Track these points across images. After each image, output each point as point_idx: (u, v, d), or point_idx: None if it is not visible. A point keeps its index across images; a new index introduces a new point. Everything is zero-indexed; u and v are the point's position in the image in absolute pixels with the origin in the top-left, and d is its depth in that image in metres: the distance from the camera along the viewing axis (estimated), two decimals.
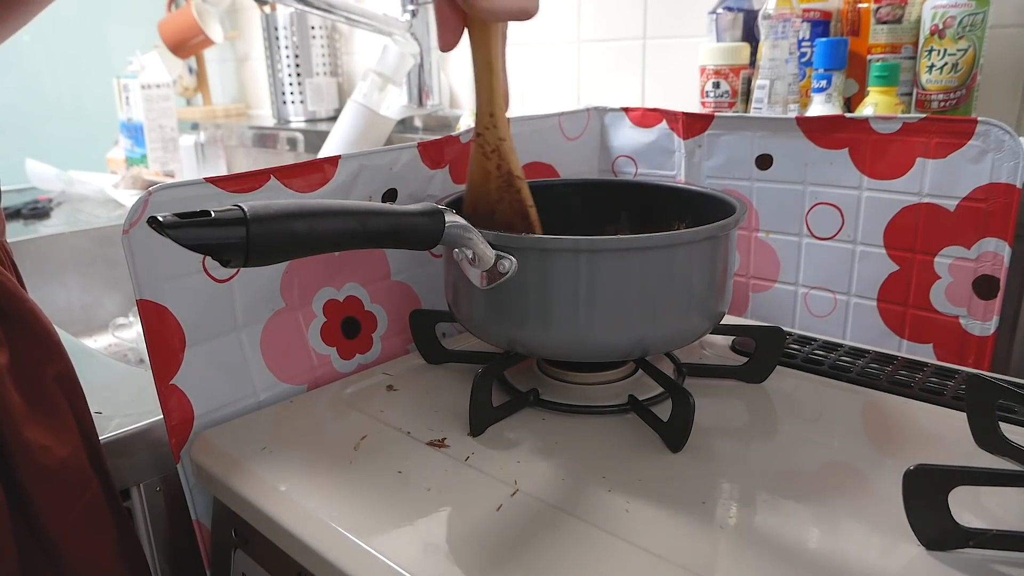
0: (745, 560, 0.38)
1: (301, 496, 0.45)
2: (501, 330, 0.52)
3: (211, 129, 1.66)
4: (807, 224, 0.71)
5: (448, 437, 0.50)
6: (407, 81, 1.25)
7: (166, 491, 0.58)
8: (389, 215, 0.44)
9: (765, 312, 0.76)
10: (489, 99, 0.52)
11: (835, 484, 0.45)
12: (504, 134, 0.53)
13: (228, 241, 0.36)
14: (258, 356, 0.56)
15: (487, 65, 0.50)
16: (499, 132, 0.52)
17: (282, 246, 0.38)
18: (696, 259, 0.50)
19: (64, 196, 1.45)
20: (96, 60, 1.68)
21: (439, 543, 0.40)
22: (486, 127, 0.52)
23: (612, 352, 0.52)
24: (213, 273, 0.53)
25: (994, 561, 0.37)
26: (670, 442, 0.48)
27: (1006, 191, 0.59)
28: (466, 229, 0.46)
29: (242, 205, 0.37)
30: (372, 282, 0.63)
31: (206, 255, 0.37)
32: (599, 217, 0.67)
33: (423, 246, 0.46)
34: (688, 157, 0.77)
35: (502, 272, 0.48)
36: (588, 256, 0.48)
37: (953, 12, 0.68)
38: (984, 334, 0.63)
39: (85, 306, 1.20)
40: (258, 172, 0.53)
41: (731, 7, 0.85)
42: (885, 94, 0.70)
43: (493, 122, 0.52)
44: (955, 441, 0.48)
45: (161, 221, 0.34)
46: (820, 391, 0.56)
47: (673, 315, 0.50)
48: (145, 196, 0.48)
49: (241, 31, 1.77)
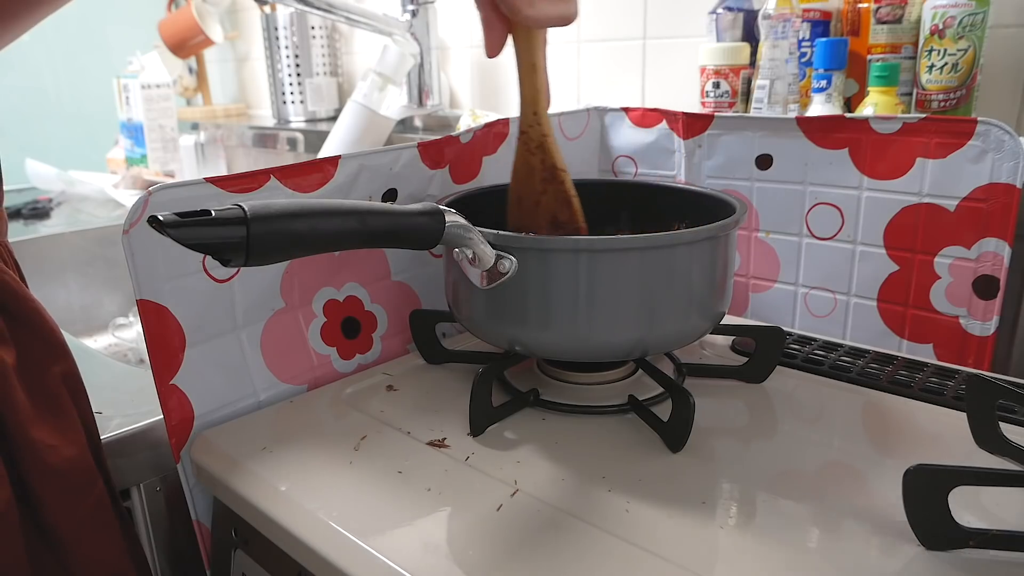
0: (745, 560, 0.38)
1: (301, 496, 0.45)
2: (501, 330, 0.52)
3: (211, 129, 1.66)
4: (807, 224, 0.71)
5: (448, 437, 0.50)
6: (407, 81, 1.25)
7: (166, 491, 0.58)
8: (389, 215, 0.44)
9: (765, 312, 0.76)
10: (533, 98, 0.53)
11: (835, 484, 0.45)
12: (548, 131, 0.54)
13: (228, 240, 0.36)
14: (258, 356, 0.56)
15: (531, 66, 0.52)
16: (543, 129, 0.54)
17: (282, 245, 0.38)
18: (696, 259, 0.50)
19: (64, 196, 1.45)
20: (96, 60, 1.68)
21: (439, 543, 0.40)
22: (530, 125, 0.54)
23: (612, 352, 0.52)
24: (213, 273, 0.53)
25: (994, 561, 0.37)
26: (670, 442, 0.48)
27: (1006, 191, 0.59)
28: (466, 229, 0.46)
29: (242, 204, 0.37)
30: (372, 282, 0.63)
31: (207, 254, 0.37)
32: (599, 217, 0.67)
33: (423, 246, 0.46)
34: (688, 157, 0.77)
35: (502, 272, 0.48)
36: (588, 256, 0.48)
37: (953, 12, 0.68)
38: (984, 334, 0.63)
39: (85, 306, 1.20)
40: (258, 172, 0.53)
41: (731, 7, 0.85)
42: (885, 94, 0.70)
43: (537, 120, 0.54)
44: (955, 441, 0.49)
45: (161, 220, 0.34)
46: (820, 391, 0.56)
47: (673, 315, 0.50)
48: (145, 196, 0.48)
49: (241, 31, 1.77)
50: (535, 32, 0.52)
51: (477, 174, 0.70)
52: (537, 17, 0.48)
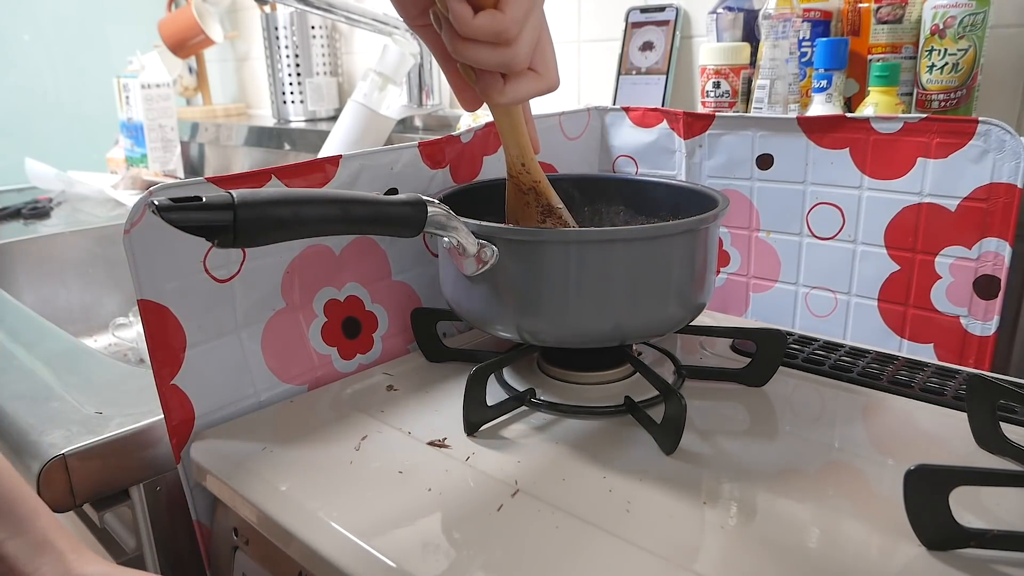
0: (745, 560, 0.38)
1: (301, 496, 0.45)
2: (490, 317, 0.54)
3: (211, 129, 1.66)
4: (808, 224, 0.71)
5: (448, 437, 0.50)
6: (407, 81, 1.25)
7: (166, 491, 0.58)
8: (372, 204, 0.45)
9: (765, 312, 0.76)
10: (519, 153, 0.52)
11: (835, 484, 0.44)
12: (538, 176, 0.54)
13: (217, 223, 0.39)
14: (259, 356, 0.56)
15: (512, 128, 0.51)
16: (533, 176, 0.53)
17: (268, 229, 0.41)
18: (676, 251, 0.51)
19: (64, 196, 1.45)
20: (96, 60, 1.68)
21: (439, 543, 0.40)
22: (519, 172, 0.53)
23: (593, 338, 0.53)
24: (214, 273, 0.53)
25: (995, 561, 0.37)
26: (663, 444, 0.48)
27: (1007, 191, 0.59)
28: (448, 218, 0.48)
29: (232, 192, 0.39)
30: (373, 282, 0.63)
31: (198, 236, 0.39)
32: (596, 212, 0.68)
33: (407, 233, 0.47)
34: (689, 157, 0.77)
35: (484, 260, 0.50)
36: (577, 247, 0.49)
37: (954, 12, 0.68)
38: (985, 334, 0.63)
39: (85, 306, 1.20)
40: (258, 172, 0.53)
41: (731, 7, 0.85)
42: (885, 94, 0.70)
43: (525, 170, 0.53)
44: (956, 441, 0.49)
45: (157, 204, 0.37)
46: (821, 391, 0.56)
47: (652, 304, 0.51)
48: (147, 197, 0.48)
49: (241, 31, 1.77)
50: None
51: (478, 174, 0.70)
52: (509, 102, 0.46)
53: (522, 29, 0.42)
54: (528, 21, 0.42)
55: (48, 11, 1.61)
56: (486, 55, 0.42)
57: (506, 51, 0.42)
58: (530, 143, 0.52)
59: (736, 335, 0.63)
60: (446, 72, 0.49)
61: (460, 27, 0.41)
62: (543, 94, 0.47)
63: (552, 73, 0.47)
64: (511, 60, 0.42)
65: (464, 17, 0.40)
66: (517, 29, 0.41)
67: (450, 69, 0.48)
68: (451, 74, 0.48)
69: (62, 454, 0.51)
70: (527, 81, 0.45)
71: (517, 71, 0.44)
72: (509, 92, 0.45)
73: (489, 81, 0.45)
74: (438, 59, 0.48)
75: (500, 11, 0.40)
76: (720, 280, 0.79)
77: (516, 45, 0.42)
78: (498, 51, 0.42)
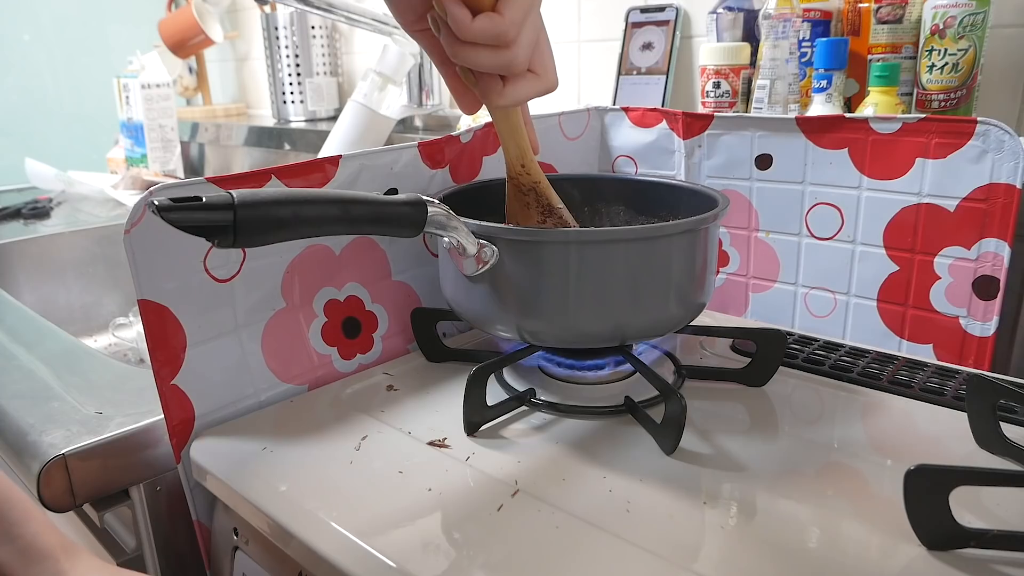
0: (745, 560, 0.38)
1: (301, 496, 0.45)
2: (490, 317, 0.54)
3: (211, 129, 1.66)
4: (807, 224, 0.71)
5: (449, 437, 0.50)
6: (407, 81, 1.25)
7: (166, 491, 0.58)
8: (371, 204, 0.45)
9: (765, 312, 0.76)
10: (518, 154, 0.52)
11: (835, 484, 0.45)
12: (538, 178, 0.53)
13: (217, 223, 0.39)
14: (259, 356, 0.56)
15: (512, 130, 0.51)
16: (533, 177, 0.53)
17: (267, 229, 0.41)
18: (676, 251, 0.51)
19: (64, 196, 1.45)
20: (96, 60, 1.68)
21: (439, 543, 0.40)
22: (519, 174, 0.53)
23: (593, 338, 0.53)
24: (214, 273, 0.53)
25: (995, 561, 0.37)
26: (663, 444, 0.48)
27: (1006, 191, 0.59)
28: (448, 218, 0.48)
29: (232, 192, 0.39)
30: (373, 282, 0.63)
31: (198, 236, 0.39)
32: (596, 212, 0.68)
33: (408, 232, 0.47)
34: (688, 157, 0.77)
35: (484, 260, 0.51)
36: (577, 247, 0.49)
37: (953, 12, 0.68)
38: (984, 334, 0.63)
39: (85, 306, 1.20)
40: (258, 172, 0.53)
41: (731, 7, 0.85)
42: (885, 94, 0.70)
43: (525, 171, 0.53)
44: (955, 441, 0.49)
45: (157, 204, 0.37)
46: (821, 391, 0.57)
47: (652, 304, 0.51)
48: (147, 197, 0.48)
49: (241, 31, 1.77)
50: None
51: (478, 174, 0.70)
52: (509, 104, 0.46)
53: (521, 31, 0.42)
54: (526, 22, 0.42)
55: (48, 11, 1.61)
56: (485, 58, 0.42)
57: (505, 53, 0.42)
58: (529, 144, 0.52)
59: (736, 335, 0.63)
60: (445, 76, 0.49)
61: (459, 31, 0.41)
62: (542, 95, 0.47)
63: (551, 74, 0.47)
64: (510, 62, 0.42)
65: (463, 20, 0.40)
66: (516, 31, 0.41)
67: (449, 73, 0.48)
68: (450, 78, 0.48)
69: (62, 454, 0.51)
70: (526, 82, 0.45)
71: (517, 73, 0.44)
72: (509, 94, 0.45)
73: (488, 83, 0.45)
74: (436, 63, 0.48)
75: (498, 13, 0.40)
76: (720, 280, 0.79)
77: (515, 47, 0.42)
78: (497, 53, 0.42)
